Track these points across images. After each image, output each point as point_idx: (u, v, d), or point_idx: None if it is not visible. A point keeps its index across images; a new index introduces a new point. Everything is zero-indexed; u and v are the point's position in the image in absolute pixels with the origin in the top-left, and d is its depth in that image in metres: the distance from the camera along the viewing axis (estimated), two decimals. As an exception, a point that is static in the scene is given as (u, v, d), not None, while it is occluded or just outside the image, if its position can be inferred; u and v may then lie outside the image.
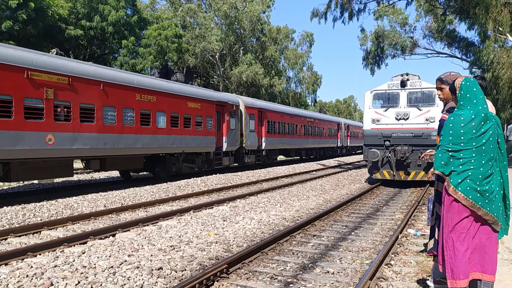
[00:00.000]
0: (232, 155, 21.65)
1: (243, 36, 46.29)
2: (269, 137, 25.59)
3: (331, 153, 40.55)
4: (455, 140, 2.91)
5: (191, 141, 18.02)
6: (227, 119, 20.78)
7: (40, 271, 5.41)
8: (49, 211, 10.01)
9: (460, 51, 29.79)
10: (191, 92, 18.52)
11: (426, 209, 10.91)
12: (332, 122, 41.08)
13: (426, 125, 15.38)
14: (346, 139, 44.79)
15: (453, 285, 2.76)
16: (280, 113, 28.17)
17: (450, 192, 2.83)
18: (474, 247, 2.81)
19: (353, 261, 6.24)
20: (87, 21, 30.55)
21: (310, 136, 33.86)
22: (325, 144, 38.09)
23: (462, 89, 2.96)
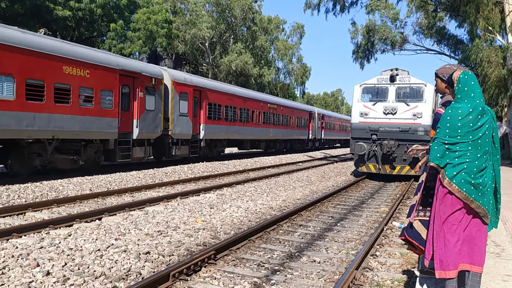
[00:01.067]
0: (150, 144, 16.66)
1: (234, 24, 46.01)
2: (210, 124, 20.55)
3: (300, 146, 35.63)
4: (452, 133, 2.94)
5: (69, 123, 12.58)
6: (140, 96, 15.41)
7: (25, 252, 5.36)
8: (33, 193, 9.89)
9: (449, 48, 30.15)
10: (72, 53, 12.75)
11: (410, 202, 11.07)
12: (302, 111, 35.44)
13: (413, 120, 15.53)
14: (319, 130, 39.53)
15: (442, 275, 2.81)
16: (228, 95, 22.77)
17: (445, 184, 2.88)
18: (464, 238, 2.87)
19: (339, 251, 6.32)
20: (76, 2, 29.98)
21: (272, 125, 28.85)
22: (293, 136, 32.96)
23: (460, 82, 2.99)
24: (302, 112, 35.55)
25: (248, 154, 28.48)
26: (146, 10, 33.20)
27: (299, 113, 34.62)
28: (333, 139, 47.42)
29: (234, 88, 25.22)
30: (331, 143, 47.56)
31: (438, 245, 2.87)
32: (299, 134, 34.57)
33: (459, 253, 2.84)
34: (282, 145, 31.92)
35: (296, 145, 34.75)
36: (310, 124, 37.09)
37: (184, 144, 18.84)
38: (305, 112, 36.27)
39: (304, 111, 36.29)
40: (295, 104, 36.09)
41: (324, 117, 41.27)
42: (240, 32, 47.92)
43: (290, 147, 33.71)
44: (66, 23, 30.61)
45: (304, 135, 35.84)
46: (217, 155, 22.70)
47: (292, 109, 33.12)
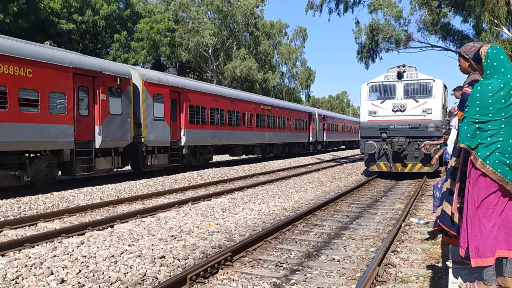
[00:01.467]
0: (118, 154, 14.40)
1: (237, 30, 46.05)
2: (193, 129, 18.29)
3: (301, 149, 33.25)
4: (482, 111, 2.77)
5: (6, 132, 10.46)
6: (102, 99, 13.34)
7: (39, 261, 5.26)
8: (44, 204, 9.82)
9: (454, 44, 29.82)
10: (8, 49, 10.67)
11: (426, 199, 10.88)
12: (301, 112, 32.90)
13: (423, 116, 15.34)
14: (321, 132, 37.16)
15: (479, 263, 2.65)
16: (213, 96, 20.38)
17: (478, 166, 2.72)
18: (500, 223, 2.71)
19: (357, 249, 6.15)
20: (79, 15, 30.16)
21: (267, 128, 26.48)
22: (291, 139, 30.50)
23: (489, 57, 2.85)
24: (301, 113, 33.30)
25: (255, 159, 28.02)
26: (149, 19, 33.31)
27: (298, 115, 32.43)
28: (336, 141, 45.07)
29: (220, 89, 22.65)
30: (334, 145, 45.23)
31: (473, 231, 2.71)
32: (299, 137, 32.30)
33: (496, 239, 2.68)
34: (280, 149, 29.43)
35: (296, 148, 32.37)
36: (311, 126, 34.91)
37: (162, 152, 16.42)
38: (304, 114, 33.99)
39: (303, 112, 33.99)
40: (292, 105, 33.72)
41: (325, 118, 39.02)
42: (243, 38, 47.95)
43: (289, 151, 31.17)
44: (70, 36, 30.79)
45: (304, 138, 33.62)
46: (203, 163, 20.21)
47: (289, 110, 30.98)
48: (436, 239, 6.58)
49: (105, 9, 30.81)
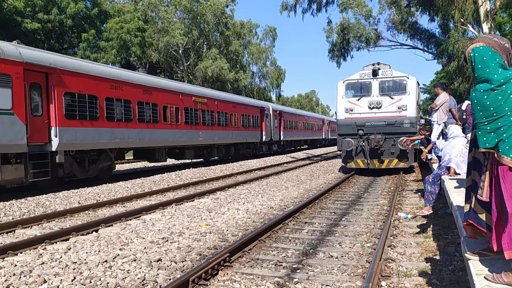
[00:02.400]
0: None
1: (207, 30, 45.69)
2: (74, 127, 13.02)
3: (251, 151, 28.08)
4: (486, 113, 2.81)
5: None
6: None
7: (27, 269, 4.98)
8: (20, 210, 9.39)
9: (422, 42, 30.67)
10: None
11: (407, 194, 11.06)
12: (250, 107, 27.40)
13: (399, 113, 15.61)
14: (277, 130, 32.07)
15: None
16: (111, 81, 14.97)
17: (504, 162, 2.72)
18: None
19: (353, 245, 6.14)
20: (44, 13, 29.14)
21: (202, 126, 21.22)
22: (237, 139, 25.32)
23: (473, 61, 2.90)
24: (250, 108, 28.17)
25: None
26: (118, 19, 32.56)
27: (246, 110, 27.41)
28: (297, 140, 39.51)
29: (125, 73, 16.58)
30: (295, 144, 39.86)
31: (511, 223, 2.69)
32: (248, 136, 27.36)
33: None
34: (222, 151, 24.31)
35: (245, 150, 27.42)
36: (263, 123, 30.18)
37: (13, 161, 11.14)
38: (255, 108, 29.06)
39: (253, 107, 28.99)
40: (237, 98, 27.99)
41: (282, 114, 33.54)
42: (214, 38, 47.64)
43: (236, 153, 26.05)
44: (35, 36, 29.72)
45: (255, 137, 28.76)
46: (102, 174, 14.84)
47: (234, 104, 25.89)
48: (427, 233, 6.66)
49: (71, 7, 29.90)
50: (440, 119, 10.60)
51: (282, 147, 35.09)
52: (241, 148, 26.47)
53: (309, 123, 44.76)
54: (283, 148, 35.46)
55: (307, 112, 51.38)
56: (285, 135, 34.53)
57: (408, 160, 15.36)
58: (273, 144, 32.43)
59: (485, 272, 2.82)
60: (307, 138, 44.13)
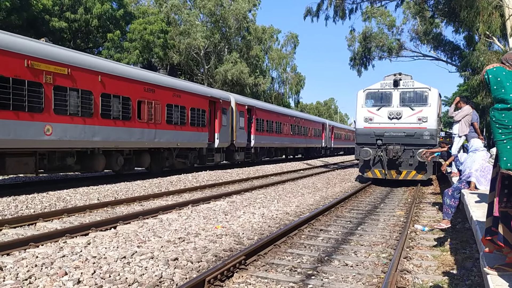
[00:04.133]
0: None
1: (229, 34, 46.00)
2: None
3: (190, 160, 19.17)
4: (504, 131, 2.84)
5: None
6: None
7: (48, 261, 5.12)
8: (41, 203, 9.61)
9: (445, 54, 30.35)
10: None
11: (424, 206, 10.95)
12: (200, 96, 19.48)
13: (419, 124, 15.47)
14: (244, 132, 24.11)
15: None
16: None
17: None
18: None
19: (368, 255, 6.13)
20: (71, 13, 29.78)
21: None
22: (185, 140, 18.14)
23: (488, 82, 2.92)
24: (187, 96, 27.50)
25: (250, 163, 26.74)
26: (143, 20, 33.07)
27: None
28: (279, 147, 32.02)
29: None
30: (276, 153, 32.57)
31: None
32: (194, 138, 22.46)
33: None
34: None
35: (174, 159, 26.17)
36: (217, 121, 29.77)
37: None
38: (200, 99, 25.69)
39: (197, 95, 24.14)
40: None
41: (254, 111, 26.30)
42: (235, 42, 47.90)
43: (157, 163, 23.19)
44: (61, 34, 30.38)
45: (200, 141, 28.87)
46: None
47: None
48: (444, 246, 6.60)
49: (97, 8, 30.49)
50: (462, 132, 10.49)
51: (254, 155, 26.39)
52: (168, 156, 17.66)
53: (301, 126, 35.39)
54: (255, 157, 26.61)
55: (297, 113, 38.66)
56: (258, 140, 25.82)
57: (426, 172, 15.20)
58: (235, 152, 23.38)
59: (503, 287, 2.82)
60: (297, 145, 34.67)
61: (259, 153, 27.18)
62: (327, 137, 43.36)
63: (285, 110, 34.15)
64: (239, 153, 23.90)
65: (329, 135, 44.35)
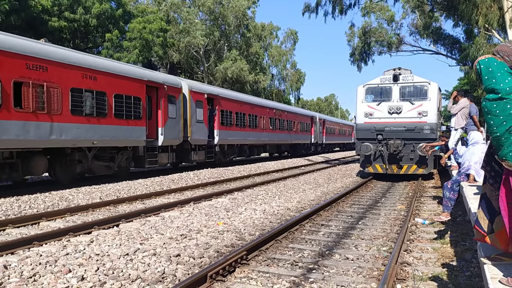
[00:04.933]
0: None
1: (228, 32, 46.00)
2: None
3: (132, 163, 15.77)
4: (497, 121, 2.86)
5: None
6: None
7: (52, 259, 5.18)
8: (44, 203, 9.68)
9: (445, 48, 30.33)
10: None
11: (425, 200, 11.00)
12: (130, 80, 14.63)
13: (419, 119, 15.49)
14: (204, 127, 19.45)
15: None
16: None
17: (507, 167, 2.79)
18: None
19: (369, 248, 6.18)
20: (70, 12, 29.79)
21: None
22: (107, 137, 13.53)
23: (480, 73, 2.95)
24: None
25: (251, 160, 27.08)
26: (142, 19, 33.06)
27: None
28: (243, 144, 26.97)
29: None
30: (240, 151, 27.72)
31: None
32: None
33: None
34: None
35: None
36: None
37: None
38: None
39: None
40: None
41: (218, 101, 21.43)
42: (234, 39, 47.89)
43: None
44: (61, 34, 30.40)
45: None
46: None
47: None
48: (444, 239, 6.65)
49: (96, 7, 30.47)
50: (458, 124, 10.53)
51: (220, 154, 21.63)
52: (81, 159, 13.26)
53: (283, 120, 30.17)
54: (221, 156, 21.79)
55: (278, 104, 32.95)
56: (224, 136, 21.39)
57: (427, 166, 15.23)
58: (192, 151, 18.78)
59: (499, 276, 2.86)
60: (279, 141, 29.63)
61: (226, 152, 22.49)
62: (317, 132, 38.64)
63: (261, 101, 28.59)
64: (197, 152, 19.17)
65: (320, 129, 39.79)
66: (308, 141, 36.33)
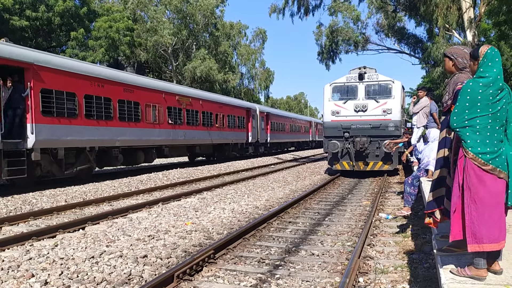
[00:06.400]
0: None
1: (196, 30, 45.72)
2: None
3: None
4: (471, 106, 2.93)
5: None
6: None
7: (15, 264, 5.08)
8: (6, 207, 9.42)
9: (409, 47, 31.20)
10: None
11: (389, 195, 11.31)
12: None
13: (384, 116, 15.89)
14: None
15: (476, 249, 2.82)
16: None
17: (467, 155, 2.94)
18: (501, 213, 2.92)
19: (334, 244, 6.34)
20: (32, 11, 28.92)
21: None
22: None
23: (486, 57, 3.03)
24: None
25: (222, 159, 27.10)
26: (107, 18, 32.45)
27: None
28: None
29: None
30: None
31: (470, 217, 2.87)
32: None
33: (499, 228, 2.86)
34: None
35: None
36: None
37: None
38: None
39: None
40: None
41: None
42: (203, 38, 47.66)
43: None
44: (22, 33, 29.47)
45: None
46: None
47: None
48: (406, 233, 6.89)
49: (60, 5, 29.70)
50: (420, 123, 10.91)
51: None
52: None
53: (195, 111, 21.60)
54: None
55: (182, 88, 22.29)
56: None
57: (392, 162, 15.65)
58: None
59: (451, 267, 3.02)
60: (187, 142, 20.89)
61: None
62: (258, 128, 30.20)
63: (149, 82, 18.51)
64: None
65: (261, 125, 31.12)
66: (243, 139, 27.78)
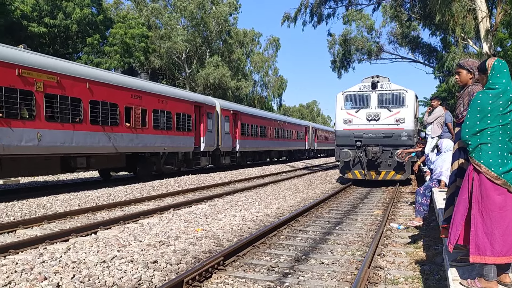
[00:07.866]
0: None
1: (210, 38, 46.08)
2: None
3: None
4: (482, 117, 2.94)
5: None
6: None
7: (28, 267, 5.16)
8: (21, 211, 9.57)
9: (423, 56, 31.05)
10: None
11: (401, 205, 11.22)
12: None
13: (396, 125, 15.80)
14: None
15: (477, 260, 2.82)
16: None
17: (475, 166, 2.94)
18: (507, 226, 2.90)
19: (344, 253, 6.32)
20: (50, 18, 29.48)
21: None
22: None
23: (494, 69, 3.05)
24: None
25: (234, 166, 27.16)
26: (123, 24, 32.92)
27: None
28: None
29: None
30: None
31: (475, 229, 2.88)
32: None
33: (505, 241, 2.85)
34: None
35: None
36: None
37: None
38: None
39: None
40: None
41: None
42: (216, 46, 48.00)
43: None
44: (40, 40, 30.05)
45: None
46: None
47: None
48: (417, 243, 6.83)
49: (77, 13, 30.25)
50: (434, 133, 10.82)
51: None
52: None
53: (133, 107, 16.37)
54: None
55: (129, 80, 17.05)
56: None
57: (405, 172, 15.53)
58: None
59: (461, 279, 3.01)
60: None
61: None
62: (219, 131, 23.66)
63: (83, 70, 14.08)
64: None
65: (225, 128, 24.42)
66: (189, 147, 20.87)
